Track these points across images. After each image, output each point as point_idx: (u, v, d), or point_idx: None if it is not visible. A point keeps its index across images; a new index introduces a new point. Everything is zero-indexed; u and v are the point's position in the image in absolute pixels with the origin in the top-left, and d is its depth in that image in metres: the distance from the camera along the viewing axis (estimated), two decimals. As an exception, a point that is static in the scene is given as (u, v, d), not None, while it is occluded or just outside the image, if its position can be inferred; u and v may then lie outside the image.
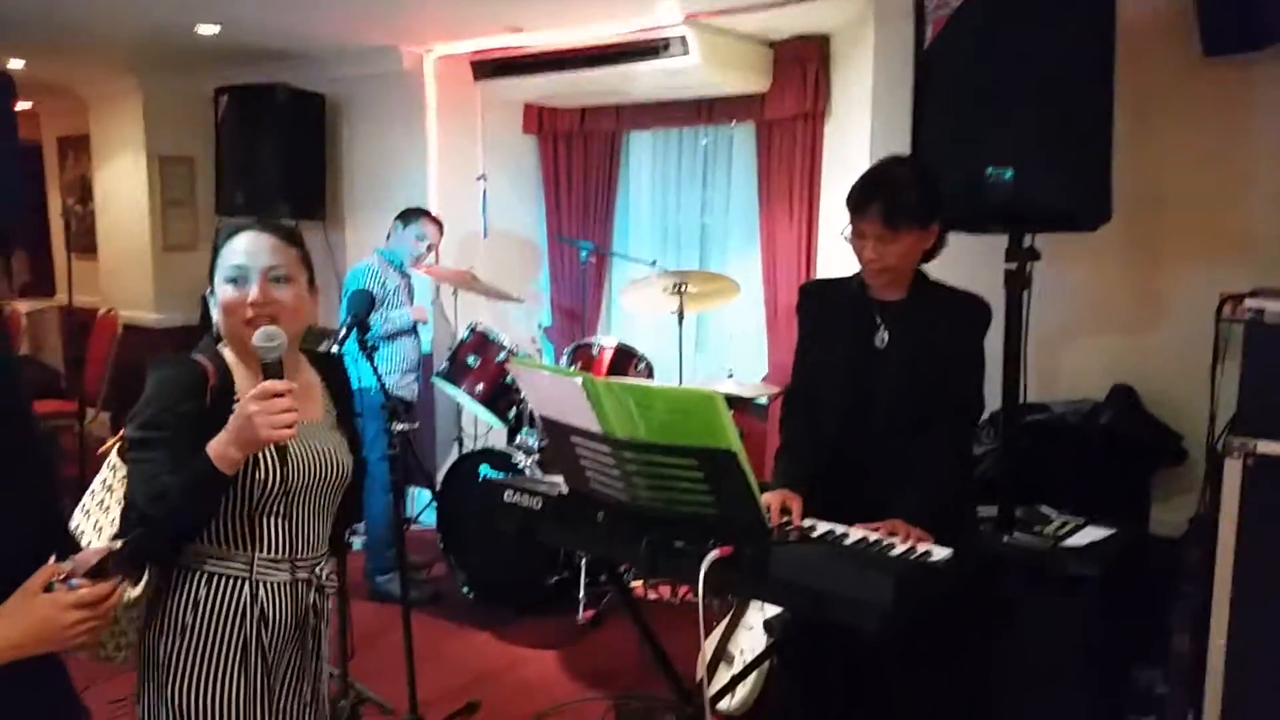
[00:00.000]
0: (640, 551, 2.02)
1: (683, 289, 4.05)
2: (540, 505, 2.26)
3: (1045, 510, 2.96)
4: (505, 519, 2.36)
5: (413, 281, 4.52)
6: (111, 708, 2.66)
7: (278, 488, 1.74)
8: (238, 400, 1.75)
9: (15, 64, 5.39)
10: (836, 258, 4.17)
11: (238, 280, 1.75)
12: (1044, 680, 2.62)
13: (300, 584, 1.82)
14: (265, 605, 1.78)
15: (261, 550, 1.77)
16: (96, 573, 1.31)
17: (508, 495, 2.33)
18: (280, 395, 1.62)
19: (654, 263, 4.83)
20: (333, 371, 2.01)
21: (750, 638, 3.30)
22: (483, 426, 5.22)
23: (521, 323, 5.41)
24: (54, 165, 7.30)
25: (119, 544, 1.37)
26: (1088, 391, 3.22)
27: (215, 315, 1.80)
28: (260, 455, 1.71)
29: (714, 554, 1.87)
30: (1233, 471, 2.22)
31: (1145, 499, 3.19)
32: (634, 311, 5.13)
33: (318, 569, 1.87)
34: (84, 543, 1.66)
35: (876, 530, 2.10)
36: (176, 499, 1.63)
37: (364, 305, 2.88)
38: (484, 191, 5.31)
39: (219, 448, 1.63)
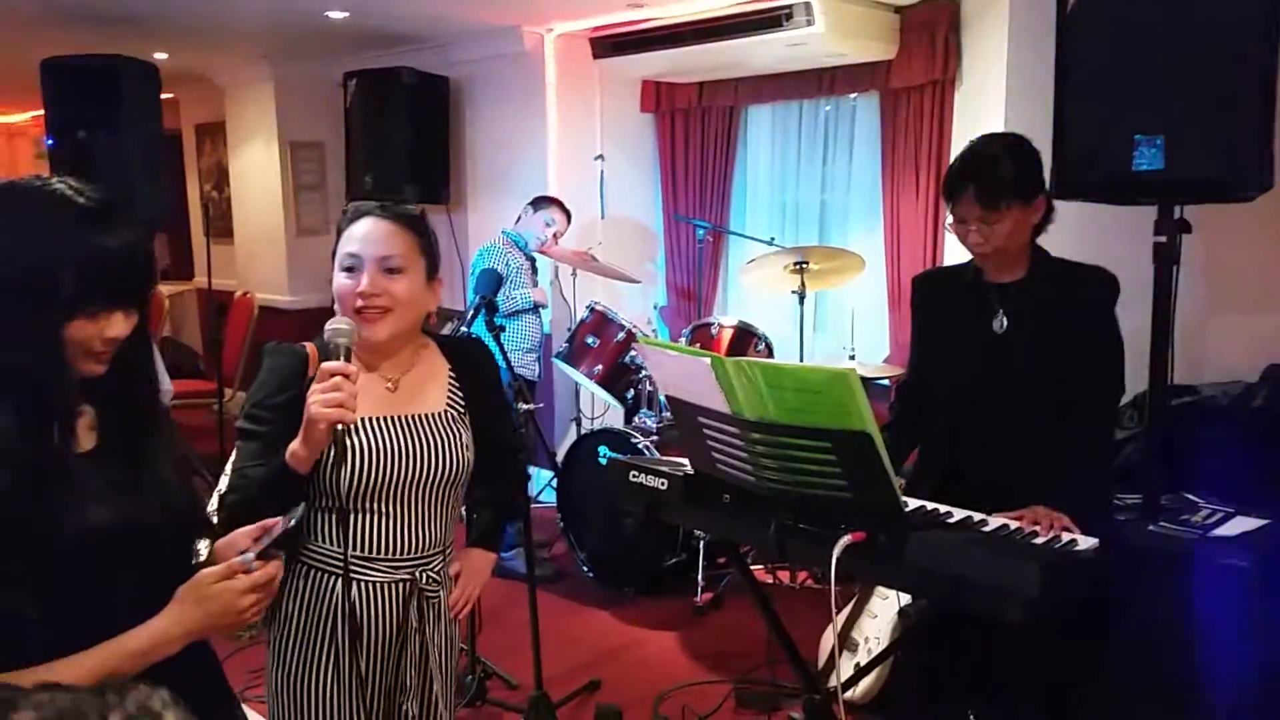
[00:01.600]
0: (768, 535, 1.99)
1: (804, 266, 3.97)
2: (666, 486, 2.25)
3: (1191, 498, 2.80)
4: (631, 499, 2.36)
5: (537, 264, 4.57)
6: (249, 676, 2.79)
7: (364, 484, 1.70)
8: None
9: (159, 56, 5.65)
10: (965, 234, 4.03)
11: (352, 269, 1.71)
12: (1183, 679, 2.48)
13: (400, 585, 1.76)
14: (356, 604, 1.73)
15: (355, 548, 1.72)
16: (266, 553, 1.33)
17: (633, 476, 2.33)
18: (337, 376, 1.57)
19: (771, 240, 4.75)
20: (467, 359, 1.93)
21: (874, 625, 3.23)
22: (600, 407, 5.26)
23: (637, 303, 5.42)
24: (192, 152, 7.65)
25: (284, 522, 1.38)
26: (1238, 373, 3.04)
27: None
28: (348, 448, 1.66)
29: (846, 539, 1.82)
30: None
31: (1301, 488, 2.99)
32: (752, 291, 5.08)
33: (423, 571, 1.79)
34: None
35: (1018, 518, 2.02)
36: (255, 493, 1.63)
37: (492, 285, 2.92)
38: (601, 172, 5.32)
39: (294, 443, 1.61)
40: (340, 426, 1.57)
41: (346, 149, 5.67)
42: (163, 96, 4.84)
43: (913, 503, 2.08)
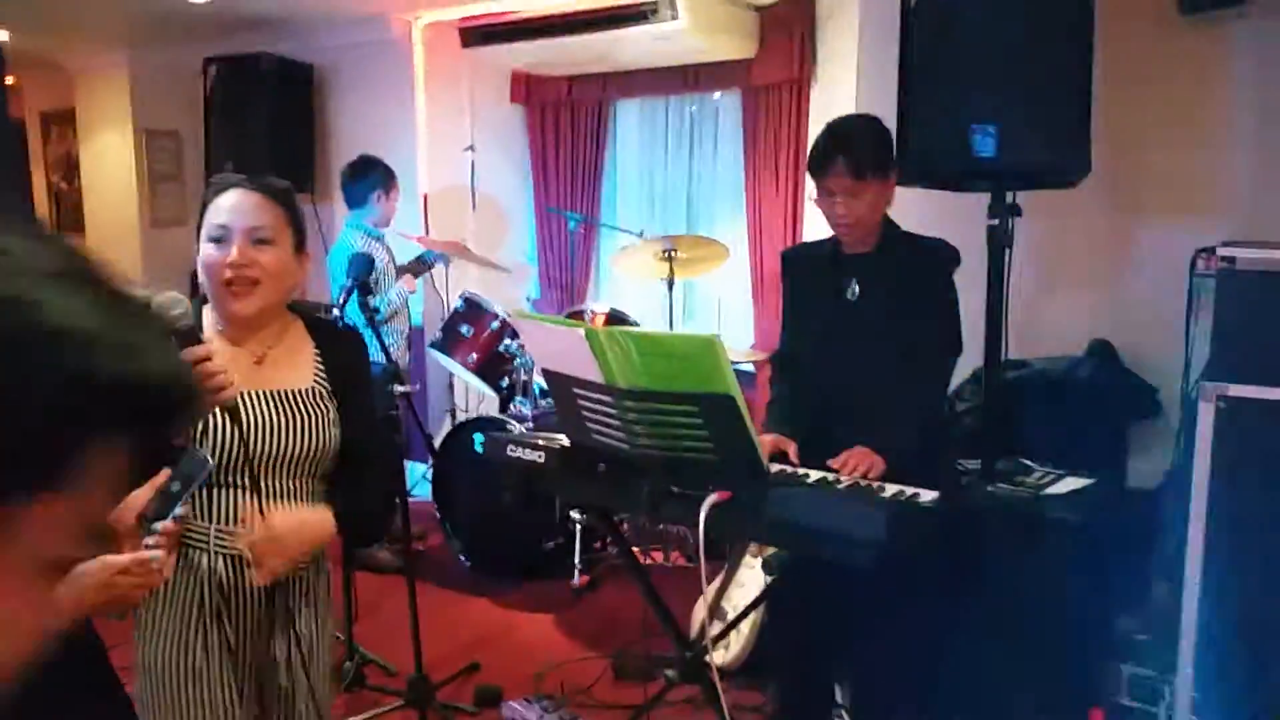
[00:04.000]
0: (642, 496, 2.09)
1: (672, 255, 4.10)
2: (543, 459, 2.33)
3: (1026, 463, 3.05)
4: (509, 474, 2.43)
5: (394, 251, 4.52)
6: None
7: (232, 459, 1.69)
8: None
9: (0, 36, 5.37)
10: (823, 224, 4.24)
11: (220, 240, 1.70)
12: (1027, 628, 2.71)
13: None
14: (225, 579, 1.73)
15: (222, 521, 1.72)
16: (174, 513, 1.35)
17: (511, 450, 2.40)
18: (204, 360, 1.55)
19: (641, 233, 4.87)
20: (336, 345, 1.91)
21: (742, 594, 3.38)
22: (475, 398, 5.28)
23: (509, 295, 5.46)
24: (37, 142, 7.26)
25: (173, 474, 1.40)
26: (1067, 348, 3.31)
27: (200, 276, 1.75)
28: (210, 423, 1.67)
29: (713, 497, 1.94)
30: (1206, 414, 2.31)
31: (1122, 452, 3.29)
32: (623, 281, 5.20)
33: None
34: None
35: (839, 461, 2.20)
36: None
37: (364, 268, 2.92)
38: (472, 163, 5.34)
39: None
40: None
41: (206, 137, 5.51)
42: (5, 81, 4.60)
43: (775, 466, 2.23)
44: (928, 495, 2.05)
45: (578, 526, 4.13)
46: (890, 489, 2.09)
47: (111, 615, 1.58)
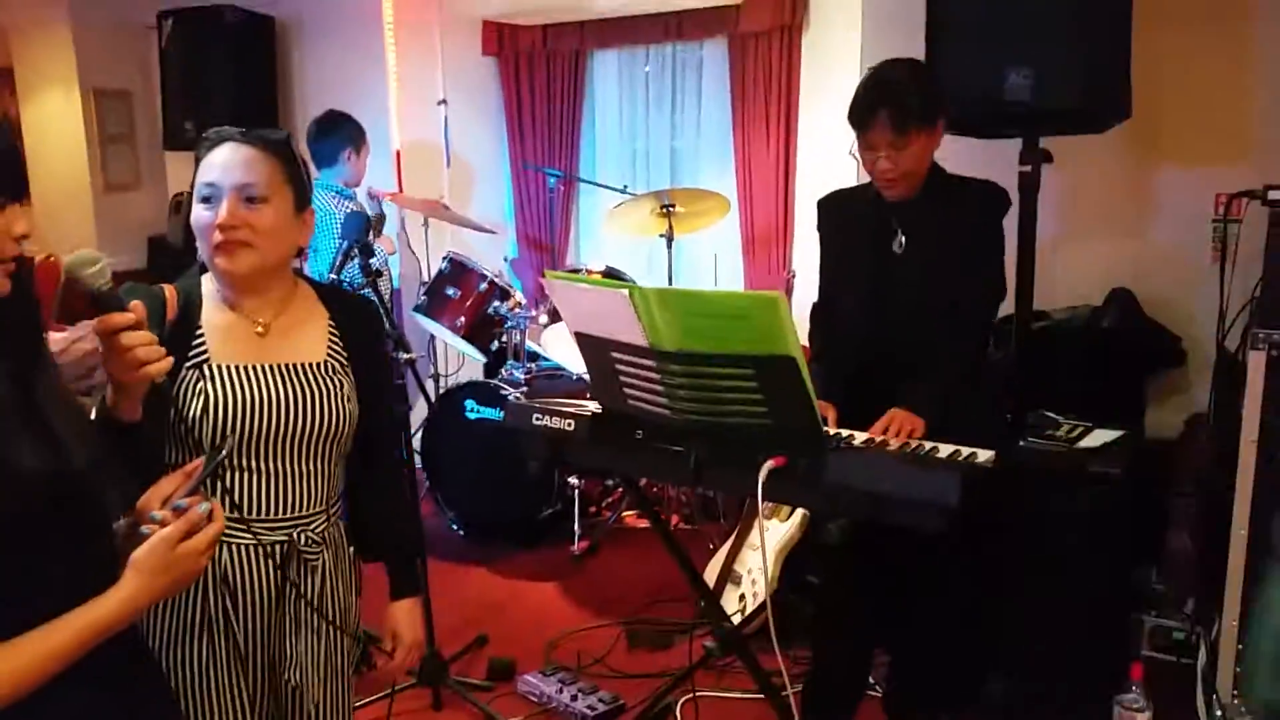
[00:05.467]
0: (685, 467, 1.98)
1: (671, 210, 3.96)
2: (572, 426, 2.20)
3: (1051, 415, 2.99)
4: (533, 443, 2.30)
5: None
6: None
7: (240, 439, 1.57)
8: (200, 334, 1.61)
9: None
10: (817, 177, 4.13)
11: (209, 199, 1.57)
12: (1065, 584, 2.66)
13: (277, 547, 1.62)
14: (229, 570, 1.59)
15: (225, 509, 1.53)
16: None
17: (537, 418, 2.26)
18: (125, 329, 1.34)
19: (625, 188, 4.72)
20: (353, 314, 1.78)
21: (756, 557, 3.31)
22: (455, 362, 5.13)
23: (486, 255, 5.28)
24: (-29, 103, 6.87)
25: (206, 462, 1.29)
26: (1085, 297, 3.26)
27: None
28: (210, 400, 1.55)
29: (769, 464, 1.84)
30: (1257, 363, 2.25)
31: (1140, 402, 3.25)
32: (606, 240, 5.05)
33: (302, 532, 1.64)
34: None
35: (879, 428, 2.12)
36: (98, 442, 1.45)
37: (361, 228, 2.74)
38: (445, 118, 5.13)
39: (109, 394, 1.41)
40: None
41: (163, 95, 5.23)
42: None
43: (819, 430, 2.13)
44: (984, 454, 1.97)
45: (576, 492, 4.02)
46: (944, 449, 2.00)
47: None
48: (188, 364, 1.59)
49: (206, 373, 1.58)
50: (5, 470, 1.05)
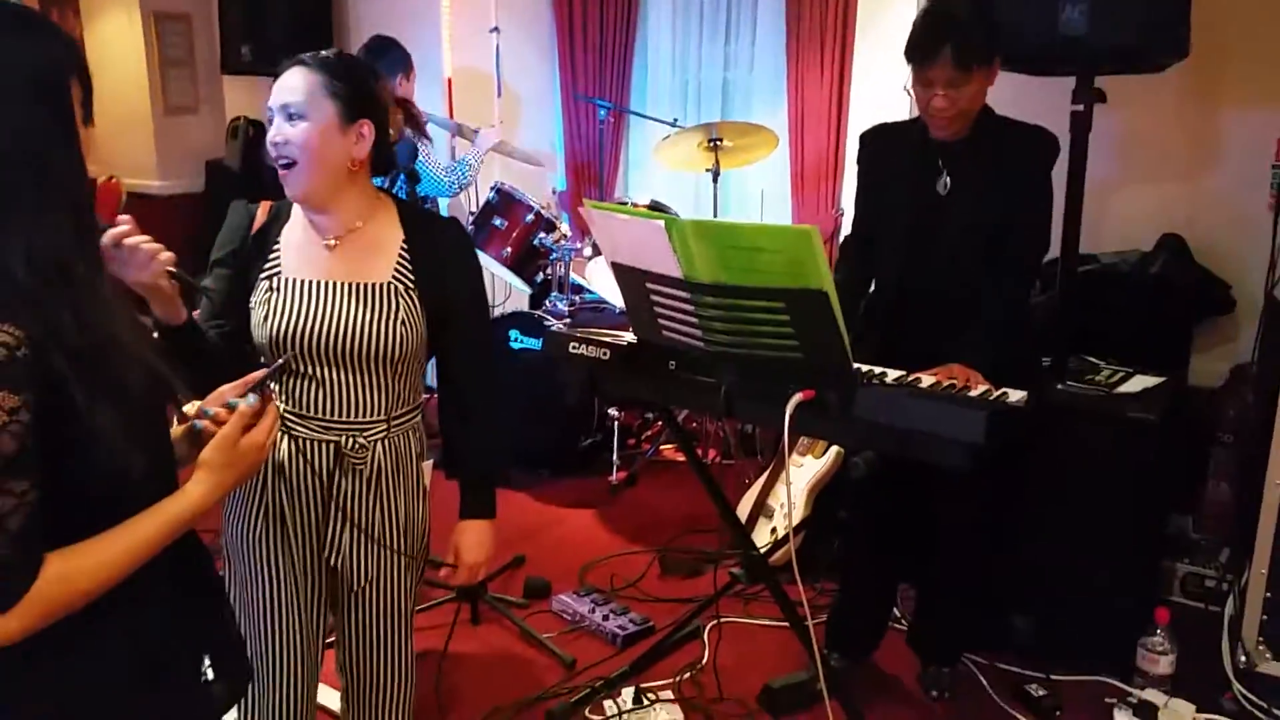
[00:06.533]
0: (717, 397, 2.02)
1: (718, 143, 3.93)
2: (608, 355, 2.25)
3: (1092, 360, 2.97)
4: (570, 371, 2.36)
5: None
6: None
7: (284, 346, 1.66)
8: (276, 248, 1.72)
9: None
10: (870, 113, 4.06)
11: (270, 123, 1.66)
12: (1095, 527, 2.67)
13: (326, 446, 1.71)
14: (284, 457, 1.71)
15: (286, 403, 1.71)
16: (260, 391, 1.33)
17: (573, 347, 2.31)
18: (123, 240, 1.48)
19: (675, 122, 4.69)
20: (429, 235, 1.78)
21: (788, 492, 3.36)
22: (500, 292, 5.18)
23: (534, 187, 5.30)
24: (38, 26, 6.97)
25: (266, 373, 1.37)
26: (1135, 242, 3.20)
27: None
28: (270, 308, 1.67)
29: (798, 396, 1.86)
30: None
31: (1186, 350, 3.20)
32: (655, 174, 5.03)
33: (352, 437, 1.72)
34: None
35: (936, 374, 2.11)
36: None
37: (409, 154, 2.78)
38: (497, 46, 5.11)
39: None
40: (172, 270, 1.53)
41: (221, 19, 5.27)
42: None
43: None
44: (1015, 395, 1.98)
45: (615, 424, 4.09)
46: (976, 389, 2.01)
47: None
48: (261, 275, 1.71)
49: (275, 284, 1.70)
50: (118, 345, 1.11)
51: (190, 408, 1.32)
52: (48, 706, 1.13)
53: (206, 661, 1.29)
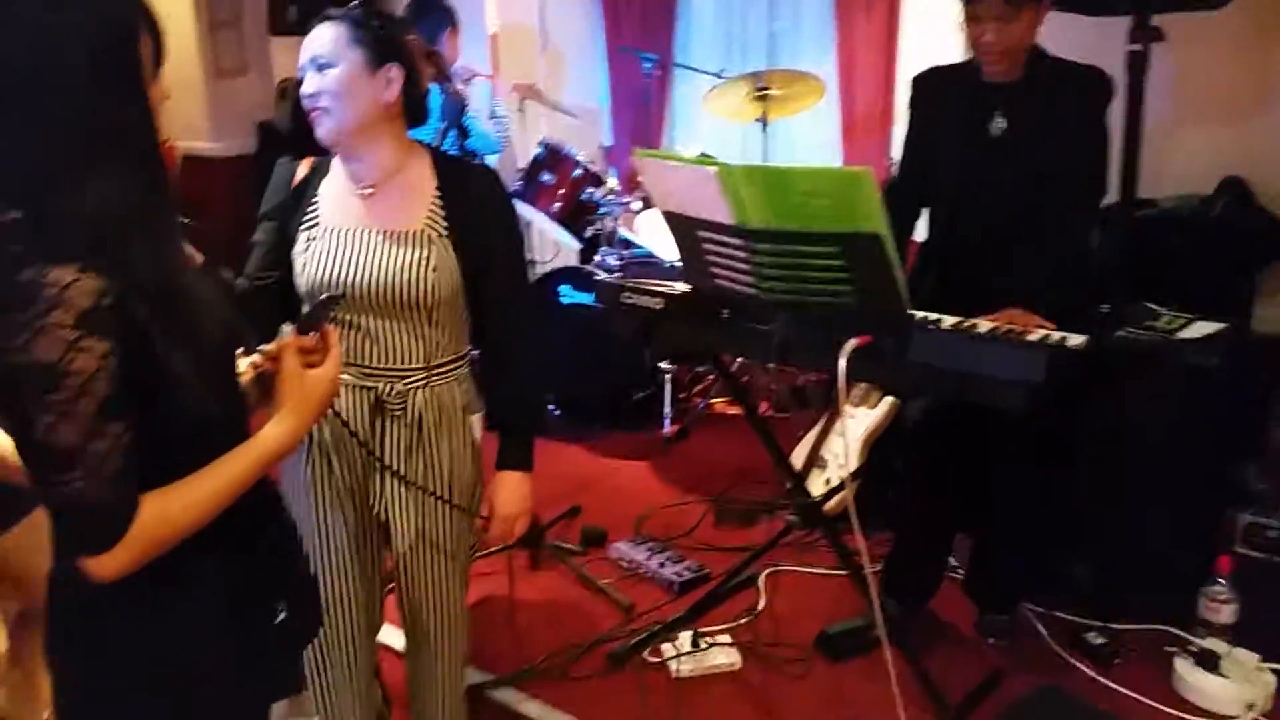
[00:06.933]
0: (770, 344, 2.02)
1: (766, 93, 3.89)
2: (660, 305, 2.26)
3: (1151, 306, 2.91)
4: (623, 321, 2.37)
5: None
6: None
7: (320, 292, 1.68)
8: (315, 200, 1.78)
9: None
10: (922, 60, 3.99)
11: (302, 80, 1.71)
12: (1156, 474, 2.64)
13: (365, 393, 1.75)
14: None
15: None
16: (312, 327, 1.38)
17: (626, 297, 2.33)
18: None
19: (720, 73, 4.65)
20: (461, 179, 1.79)
21: (842, 444, 3.36)
22: (549, 248, 5.21)
23: (582, 142, 5.29)
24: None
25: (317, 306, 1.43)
26: (1195, 185, 3.13)
27: None
28: (311, 256, 1.73)
29: (853, 342, 1.86)
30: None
31: (1250, 295, 3.14)
32: (701, 128, 5.01)
33: (390, 384, 1.75)
34: None
35: (995, 320, 2.09)
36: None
37: (457, 110, 2.80)
38: (541, 1, 5.09)
39: None
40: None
41: (269, -20, 5.31)
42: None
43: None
44: (1075, 339, 1.96)
45: (667, 377, 4.11)
46: (1035, 332, 2.00)
47: None
48: (302, 227, 1.77)
49: (313, 235, 1.75)
50: (192, 295, 1.15)
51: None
52: (139, 643, 1.18)
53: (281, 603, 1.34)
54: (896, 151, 4.33)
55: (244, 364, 1.36)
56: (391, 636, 2.34)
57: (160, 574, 1.13)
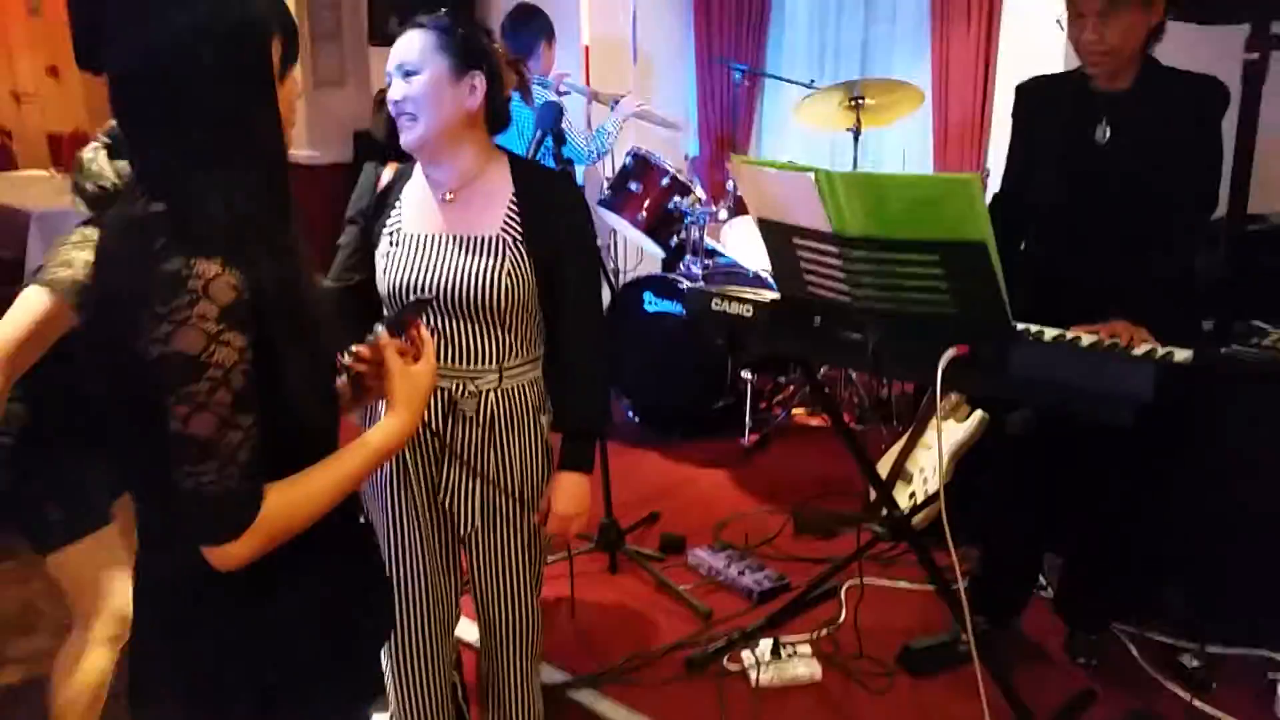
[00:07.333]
0: (865, 353, 2.00)
1: (860, 102, 3.87)
2: (751, 312, 2.25)
3: (1259, 324, 2.82)
4: (712, 328, 2.36)
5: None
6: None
7: (395, 294, 1.76)
8: (398, 204, 1.82)
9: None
10: (1020, 68, 3.91)
11: (390, 86, 1.75)
12: (1251, 490, 2.55)
13: (439, 393, 1.78)
14: None
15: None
16: (403, 328, 1.41)
17: (716, 304, 2.33)
18: None
19: (811, 83, 4.63)
20: (539, 188, 1.82)
21: (929, 457, 3.30)
22: (634, 258, 5.24)
23: (669, 152, 5.31)
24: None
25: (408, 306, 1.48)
26: (1311, 201, 3.01)
27: None
28: (390, 259, 1.78)
29: (951, 352, 1.84)
30: None
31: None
32: (791, 138, 4.99)
33: (462, 384, 1.79)
34: None
35: (1096, 331, 2.04)
36: None
37: (555, 116, 2.83)
38: (634, 12, 5.13)
39: None
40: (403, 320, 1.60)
41: (370, -9, 5.46)
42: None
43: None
44: (1181, 354, 1.90)
45: (748, 386, 4.10)
46: (1141, 347, 1.94)
47: None
48: (384, 231, 1.82)
49: (395, 239, 1.80)
50: (308, 297, 1.19)
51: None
52: (240, 636, 1.20)
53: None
54: (991, 161, 4.28)
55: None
56: (469, 632, 2.38)
57: (279, 567, 1.16)
